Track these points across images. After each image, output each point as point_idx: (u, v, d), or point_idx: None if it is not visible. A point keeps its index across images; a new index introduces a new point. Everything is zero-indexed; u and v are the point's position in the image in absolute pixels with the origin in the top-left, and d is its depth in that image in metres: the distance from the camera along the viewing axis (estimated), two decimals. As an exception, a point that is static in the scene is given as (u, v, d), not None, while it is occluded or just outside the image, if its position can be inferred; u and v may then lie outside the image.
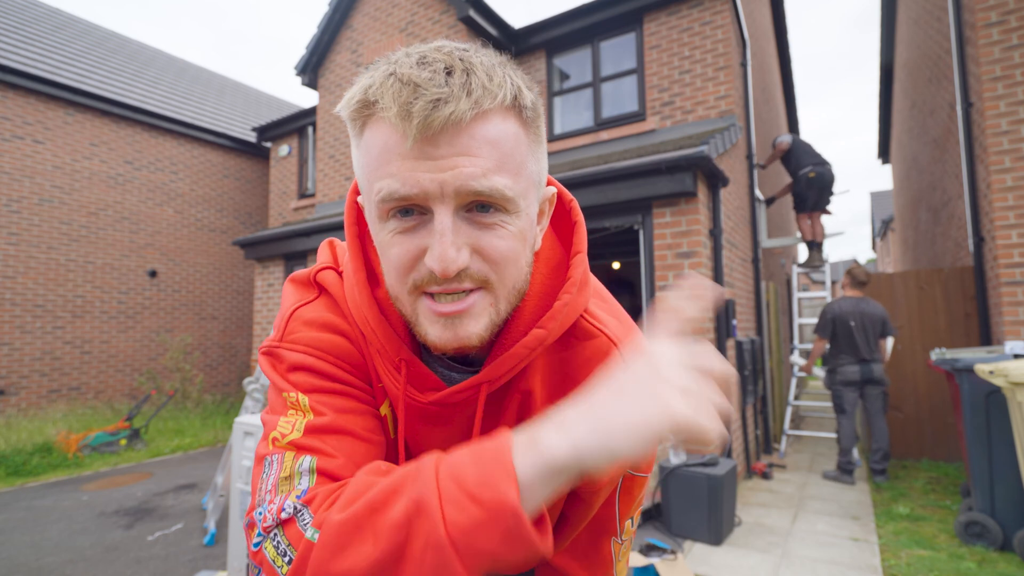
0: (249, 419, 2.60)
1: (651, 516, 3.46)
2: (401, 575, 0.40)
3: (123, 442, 5.74)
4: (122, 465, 5.29)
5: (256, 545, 0.47)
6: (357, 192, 0.60)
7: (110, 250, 7.94)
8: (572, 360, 0.59)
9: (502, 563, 0.40)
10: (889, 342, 4.23)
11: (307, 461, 0.50)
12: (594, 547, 0.67)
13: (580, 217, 0.61)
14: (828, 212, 5.74)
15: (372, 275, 0.58)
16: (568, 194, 0.63)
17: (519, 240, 0.50)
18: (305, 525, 0.45)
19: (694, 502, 3.17)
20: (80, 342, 7.57)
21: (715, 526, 3.12)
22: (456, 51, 0.48)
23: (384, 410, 0.60)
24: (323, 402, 0.54)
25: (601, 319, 0.61)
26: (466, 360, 0.60)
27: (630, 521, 0.68)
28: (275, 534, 0.46)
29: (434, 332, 0.50)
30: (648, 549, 2.72)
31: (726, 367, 0.42)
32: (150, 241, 8.42)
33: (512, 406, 0.59)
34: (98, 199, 7.83)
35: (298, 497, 0.47)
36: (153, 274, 8.39)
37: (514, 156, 0.48)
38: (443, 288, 0.48)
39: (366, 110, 0.48)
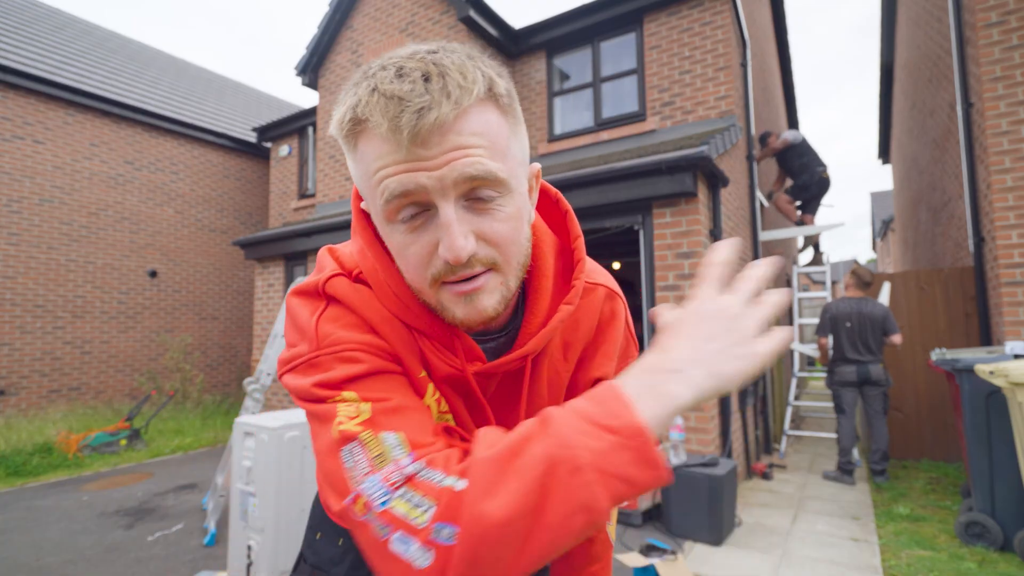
0: (249, 419, 2.60)
1: (651, 516, 3.46)
2: (548, 502, 0.43)
3: (123, 442, 5.74)
4: (122, 465, 5.29)
5: (383, 505, 0.47)
6: (359, 199, 0.64)
7: (110, 250, 7.94)
8: (576, 311, 0.70)
9: (634, 487, 0.45)
10: (896, 338, 4.20)
11: (391, 437, 0.50)
12: None
13: (569, 206, 0.70)
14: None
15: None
16: (553, 188, 0.72)
17: (517, 219, 0.55)
18: (437, 480, 0.47)
19: (694, 502, 3.17)
20: (80, 342, 7.57)
21: (715, 526, 3.12)
22: (428, 56, 0.51)
23: (428, 400, 0.61)
24: (380, 388, 0.55)
25: (595, 275, 0.74)
26: (479, 332, 0.66)
27: None
28: (404, 491, 0.47)
29: (459, 311, 0.55)
30: (648, 549, 2.72)
31: (781, 298, 0.51)
32: (150, 241, 8.42)
33: (535, 365, 0.69)
34: (98, 199, 7.83)
35: (410, 457, 0.49)
36: (153, 274, 8.40)
37: (498, 141, 0.53)
38: (457, 276, 0.53)
39: (357, 127, 0.52)
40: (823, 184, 6.04)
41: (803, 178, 6.10)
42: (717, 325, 0.49)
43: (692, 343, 0.49)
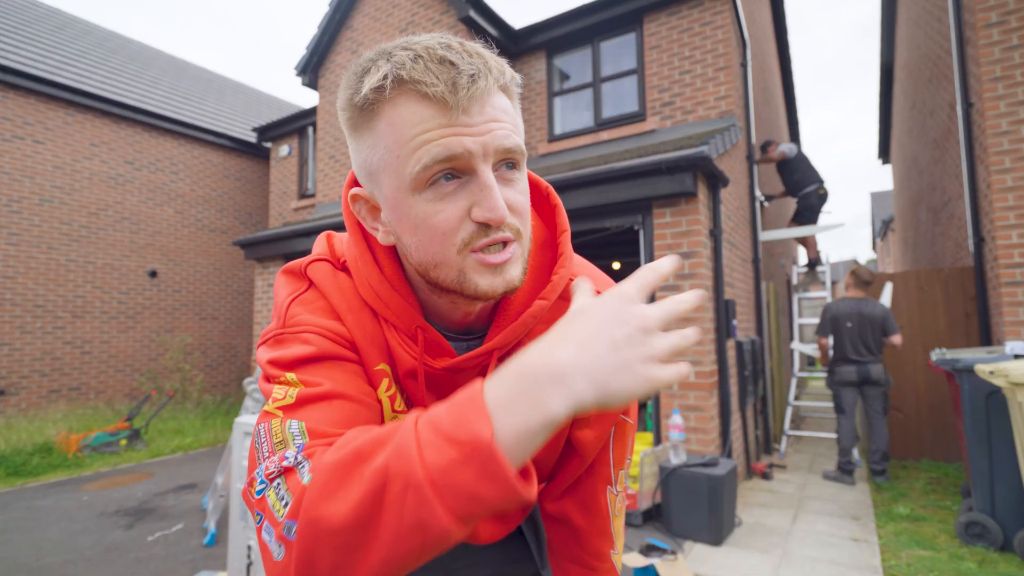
0: (249, 419, 2.60)
1: (651, 516, 3.46)
2: (382, 517, 0.40)
3: (123, 442, 5.74)
4: (122, 465, 5.29)
5: (259, 493, 0.47)
6: (352, 184, 0.64)
7: (110, 250, 7.94)
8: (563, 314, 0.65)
9: (484, 503, 0.39)
10: (896, 339, 4.20)
11: (295, 426, 0.50)
12: (592, 494, 0.72)
13: (559, 200, 0.69)
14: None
15: (375, 258, 0.64)
16: (544, 182, 0.70)
17: (528, 195, 0.59)
18: (304, 473, 0.45)
19: (694, 502, 3.17)
20: (80, 342, 7.56)
21: (715, 526, 3.12)
22: (457, 39, 0.55)
23: (381, 394, 0.62)
24: (321, 374, 0.56)
25: (595, 283, 0.68)
26: (464, 331, 0.67)
27: (623, 472, 0.73)
28: (278, 483, 0.46)
29: (484, 281, 0.55)
30: (648, 549, 2.72)
31: (693, 334, 0.45)
32: (150, 241, 8.42)
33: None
34: (98, 199, 7.83)
35: (299, 449, 0.48)
36: (153, 274, 8.39)
37: (518, 123, 0.57)
38: (491, 239, 0.53)
39: (395, 90, 0.51)
40: (821, 199, 6.26)
41: (802, 199, 6.27)
42: (624, 332, 0.42)
43: (588, 344, 0.42)
